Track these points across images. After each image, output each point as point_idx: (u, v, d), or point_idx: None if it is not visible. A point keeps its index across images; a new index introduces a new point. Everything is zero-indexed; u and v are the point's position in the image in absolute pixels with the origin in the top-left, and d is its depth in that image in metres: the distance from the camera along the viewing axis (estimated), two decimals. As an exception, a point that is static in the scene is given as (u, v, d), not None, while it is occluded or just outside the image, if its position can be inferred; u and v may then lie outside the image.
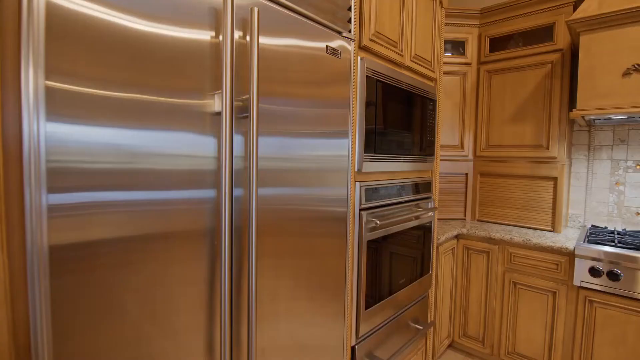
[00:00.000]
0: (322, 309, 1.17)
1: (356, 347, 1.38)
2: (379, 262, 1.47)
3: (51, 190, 0.59)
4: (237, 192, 0.87)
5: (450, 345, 2.39)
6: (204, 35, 0.76)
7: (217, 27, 0.79)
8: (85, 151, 0.62)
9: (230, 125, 0.78)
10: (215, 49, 0.79)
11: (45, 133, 0.58)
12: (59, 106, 0.60)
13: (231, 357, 0.89)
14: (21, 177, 0.59)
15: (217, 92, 0.79)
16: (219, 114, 0.79)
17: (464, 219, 2.53)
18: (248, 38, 0.85)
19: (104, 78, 0.64)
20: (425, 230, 1.81)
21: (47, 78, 0.58)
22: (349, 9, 1.21)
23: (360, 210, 1.35)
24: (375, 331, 1.49)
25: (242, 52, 0.84)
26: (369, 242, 1.39)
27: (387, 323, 1.57)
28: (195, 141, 0.77)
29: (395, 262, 1.58)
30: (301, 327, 1.09)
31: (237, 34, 0.83)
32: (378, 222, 1.37)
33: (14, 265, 0.59)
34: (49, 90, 0.59)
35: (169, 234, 0.74)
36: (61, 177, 0.60)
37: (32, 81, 0.57)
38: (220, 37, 0.79)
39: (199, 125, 0.77)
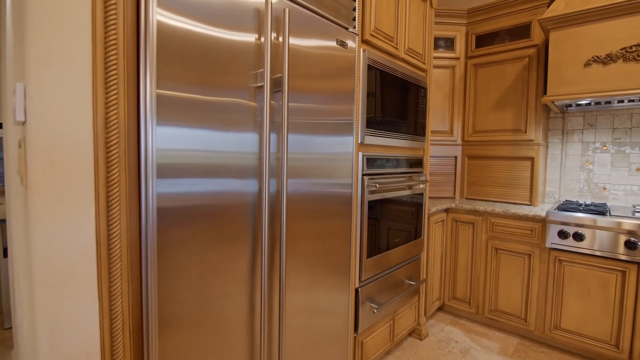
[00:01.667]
0: (333, 277, 1.46)
1: (359, 289, 1.67)
2: (378, 223, 1.76)
3: (159, 176, 0.86)
4: (272, 182, 1.15)
5: (440, 308, 2.68)
6: (250, 38, 1.04)
7: (260, 25, 1.07)
8: (179, 148, 0.89)
9: (270, 98, 1.06)
10: (258, 47, 1.07)
11: (156, 135, 0.84)
12: (164, 111, 0.85)
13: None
14: (138, 165, 0.86)
15: (260, 70, 1.07)
16: (261, 87, 1.07)
17: (454, 198, 2.82)
18: (281, 37, 1.14)
19: (191, 81, 0.90)
20: (417, 200, 2.10)
21: (158, 87, 0.85)
22: (354, 9, 1.49)
23: (363, 175, 1.64)
24: (374, 279, 1.77)
25: (275, 45, 1.13)
26: (370, 202, 1.68)
27: (384, 274, 1.85)
28: (244, 139, 1.04)
29: (391, 224, 1.87)
30: (316, 289, 1.37)
31: (273, 35, 1.11)
32: (377, 186, 1.66)
33: (131, 215, 0.87)
34: (159, 98, 0.85)
35: (227, 207, 1.02)
36: (165, 168, 0.87)
37: (148, 91, 0.84)
38: (262, 39, 1.07)
39: (247, 123, 1.05)
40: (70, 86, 0.75)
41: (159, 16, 0.84)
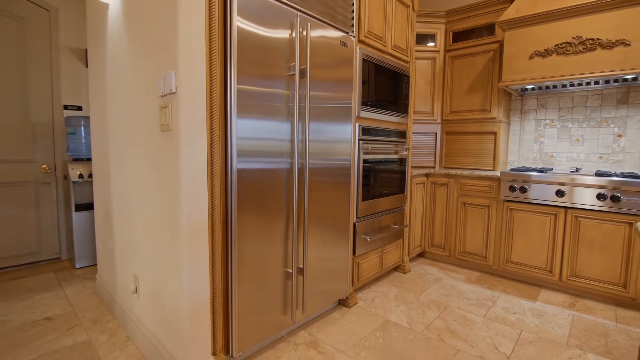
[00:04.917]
0: (338, 226, 2.07)
1: (356, 223, 2.29)
2: (370, 178, 2.37)
3: (238, 155, 1.45)
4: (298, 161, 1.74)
5: (421, 255, 3.32)
6: (284, 34, 1.63)
7: (292, 29, 1.65)
8: (245, 137, 1.46)
9: (300, 88, 1.65)
10: (291, 42, 1.65)
11: (237, 126, 1.43)
12: (241, 102, 1.43)
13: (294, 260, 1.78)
14: (225, 147, 1.45)
15: (292, 63, 1.67)
16: (292, 75, 1.67)
17: (434, 167, 3.44)
18: (305, 32, 1.72)
19: (253, 74, 1.48)
20: (402, 164, 2.71)
21: (238, 83, 1.43)
22: (352, 18, 2.08)
23: (359, 140, 2.24)
24: (368, 218, 2.39)
25: (302, 42, 1.71)
26: (364, 161, 2.28)
27: (375, 216, 2.47)
28: (282, 128, 1.62)
29: (380, 180, 2.48)
30: (327, 236, 1.99)
31: (299, 33, 1.70)
32: (370, 148, 2.26)
33: (222, 175, 1.47)
34: (239, 92, 1.43)
35: (270, 178, 1.61)
36: (241, 150, 1.45)
37: (233, 87, 1.41)
38: (294, 34, 1.66)
39: (283, 111, 1.63)
40: (195, 71, 1.35)
41: (238, 23, 1.41)
